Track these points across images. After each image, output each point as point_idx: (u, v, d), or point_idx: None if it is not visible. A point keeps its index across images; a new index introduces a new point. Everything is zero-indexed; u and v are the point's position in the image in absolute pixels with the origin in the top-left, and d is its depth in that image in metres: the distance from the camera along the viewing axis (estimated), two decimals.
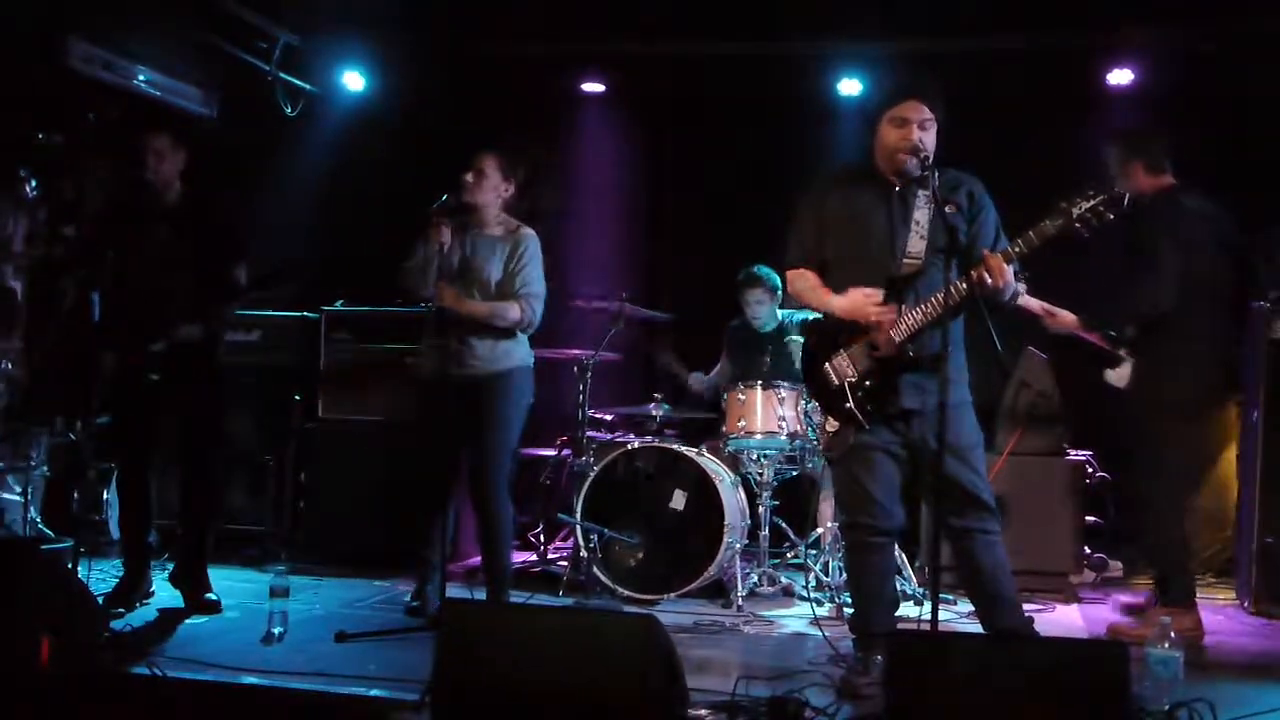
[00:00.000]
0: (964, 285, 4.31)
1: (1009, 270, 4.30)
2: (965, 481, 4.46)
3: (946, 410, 4.16)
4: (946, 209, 4.36)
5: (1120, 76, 7.40)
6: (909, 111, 4.45)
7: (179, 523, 5.66)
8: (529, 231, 5.62)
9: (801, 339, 6.69)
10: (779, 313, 6.92)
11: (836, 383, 4.56)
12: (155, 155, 5.44)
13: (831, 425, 4.63)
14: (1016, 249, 4.30)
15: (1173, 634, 4.19)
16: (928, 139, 4.46)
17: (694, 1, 7.18)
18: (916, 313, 4.40)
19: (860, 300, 4.47)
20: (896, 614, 4.96)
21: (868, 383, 4.50)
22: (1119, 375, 5.68)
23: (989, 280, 4.25)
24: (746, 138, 7.90)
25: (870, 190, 4.59)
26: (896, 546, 6.15)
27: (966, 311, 4.52)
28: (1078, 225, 4.21)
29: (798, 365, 6.66)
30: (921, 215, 4.48)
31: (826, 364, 4.60)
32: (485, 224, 5.57)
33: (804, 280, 4.69)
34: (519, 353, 5.61)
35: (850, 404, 4.51)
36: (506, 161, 5.55)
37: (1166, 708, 3.89)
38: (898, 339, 4.43)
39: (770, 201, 7.59)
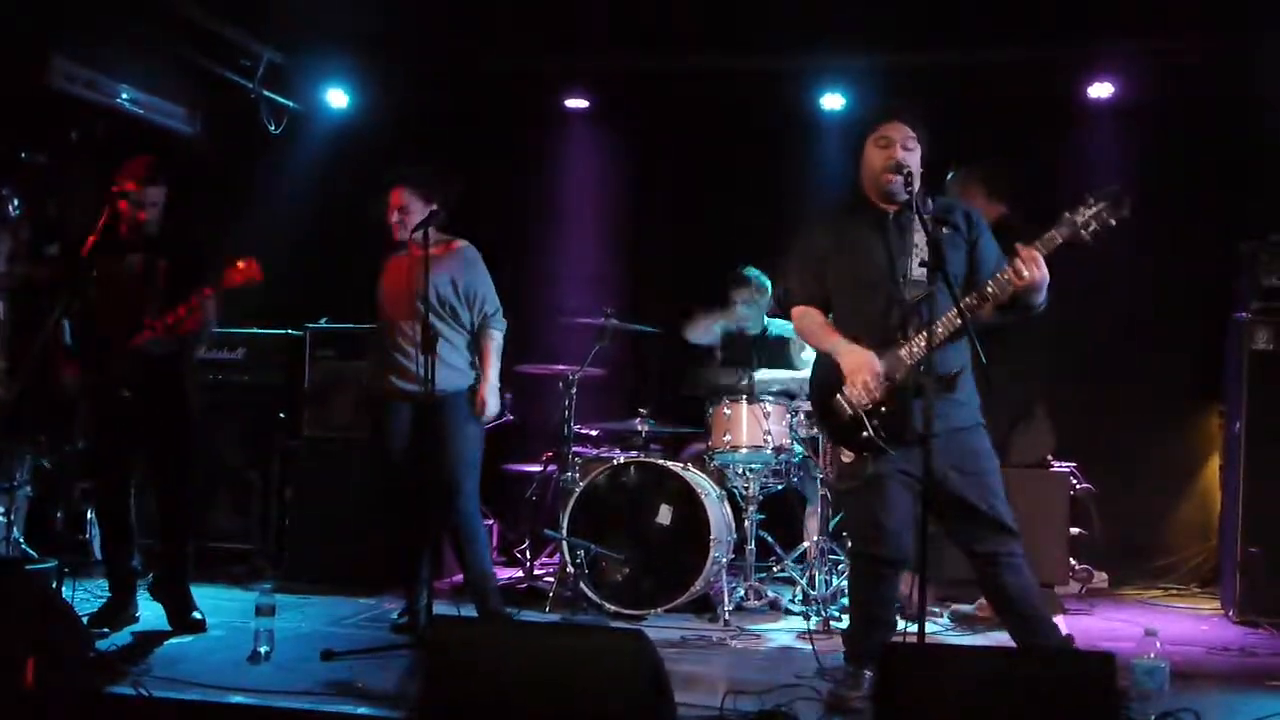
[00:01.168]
0: (973, 301, 4.31)
1: (1044, 264, 4.28)
2: (985, 506, 4.44)
3: (961, 434, 4.26)
4: (944, 230, 4.38)
5: (1101, 89, 7.44)
6: (892, 132, 4.48)
7: (159, 544, 5.65)
8: (466, 245, 5.68)
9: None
10: (765, 319, 6.94)
11: (851, 412, 4.50)
12: (152, 206, 5.48)
13: (846, 456, 4.58)
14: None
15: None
16: (911, 159, 4.47)
17: (677, 18, 7.19)
18: (928, 337, 4.31)
19: (862, 367, 4.43)
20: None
21: (883, 409, 4.44)
22: None
23: (1025, 273, 4.23)
24: (730, 153, 7.92)
25: (865, 219, 4.60)
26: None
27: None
28: (1083, 233, 4.25)
29: (782, 367, 6.73)
30: (919, 238, 4.46)
31: (838, 395, 4.53)
32: (419, 246, 5.56)
33: (810, 318, 4.71)
34: (472, 372, 5.64)
35: (868, 432, 4.46)
36: (420, 188, 5.56)
37: (1153, 718, 3.90)
38: (910, 363, 4.40)
39: (755, 215, 7.68)
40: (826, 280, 4.66)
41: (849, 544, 4.78)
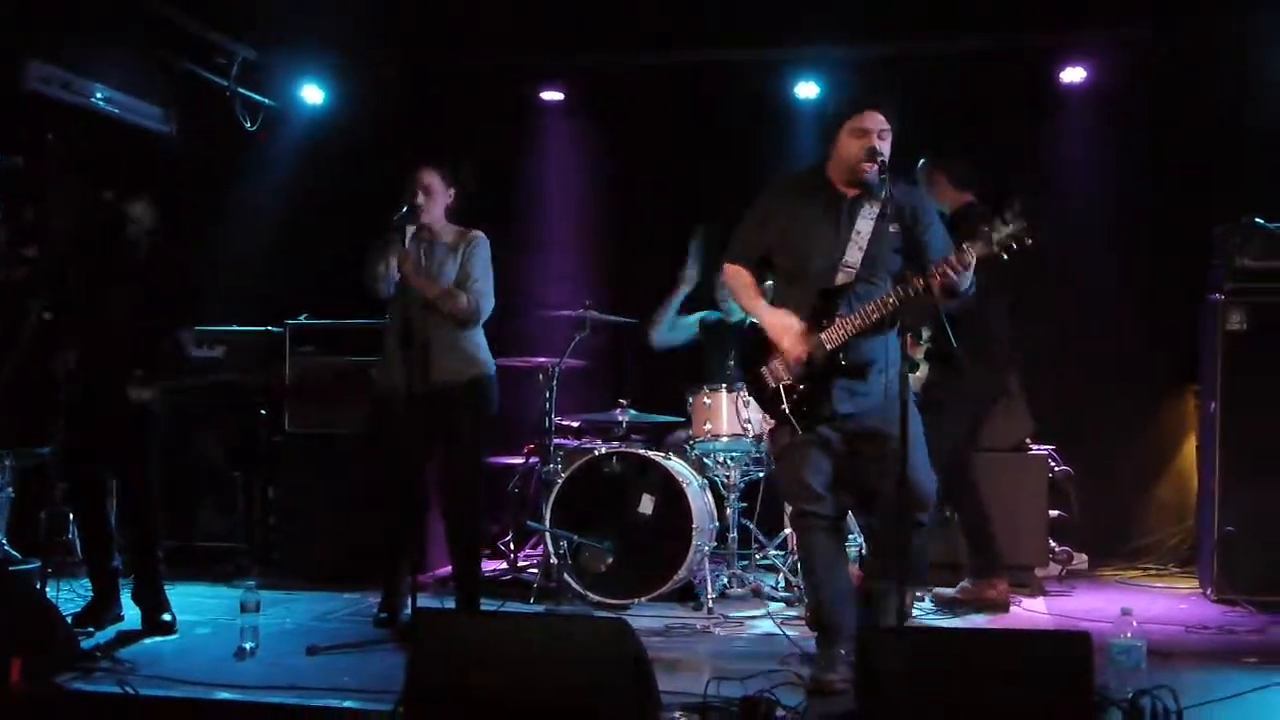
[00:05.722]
0: (896, 295, 4.41)
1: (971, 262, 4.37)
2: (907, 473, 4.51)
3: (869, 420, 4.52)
4: (891, 228, 4.46)
5: (1073, 75, 7.48)
6: (868, 122, 4.53)
7: (128, 549, 5.67)
8: (478, 233, 5.69)
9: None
10: None
11: (772, 385, 4.68)
12: (134, 223, 5.48)
13: (769, 424, 4.86)
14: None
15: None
16: (885, 148, 4.54)
17: (652, 10, 7.21)
18: (848, 322, 4.51)
19: (783, 328, 4.60)
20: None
21: (801, 387, 4.62)
22: (914, 380, 5.92)
23: (951, 274, 4.33)
24: (707, 142, 7.93)
25: (820, 201, 4.66)
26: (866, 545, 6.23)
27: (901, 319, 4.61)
28: (997, 249, 4.30)
29: None
30: (864, 226, 4.58)
31: (763, 368, 4.70)
32: (437, 233, 5.61)
33: (740, 279, 4.82)
34: (481, 360, 5.65)
35: (785, 407, 4.64)
36: (446, 172, 5.58)
37: (1130, 696, 3.94)
38: (829, 347, 4.54)
39: (732, 205, 7.67)
40: (763, 243, 4.77)
41: (790, 508, 4.98)
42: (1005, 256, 4.29)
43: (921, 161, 6.09)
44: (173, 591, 5.74)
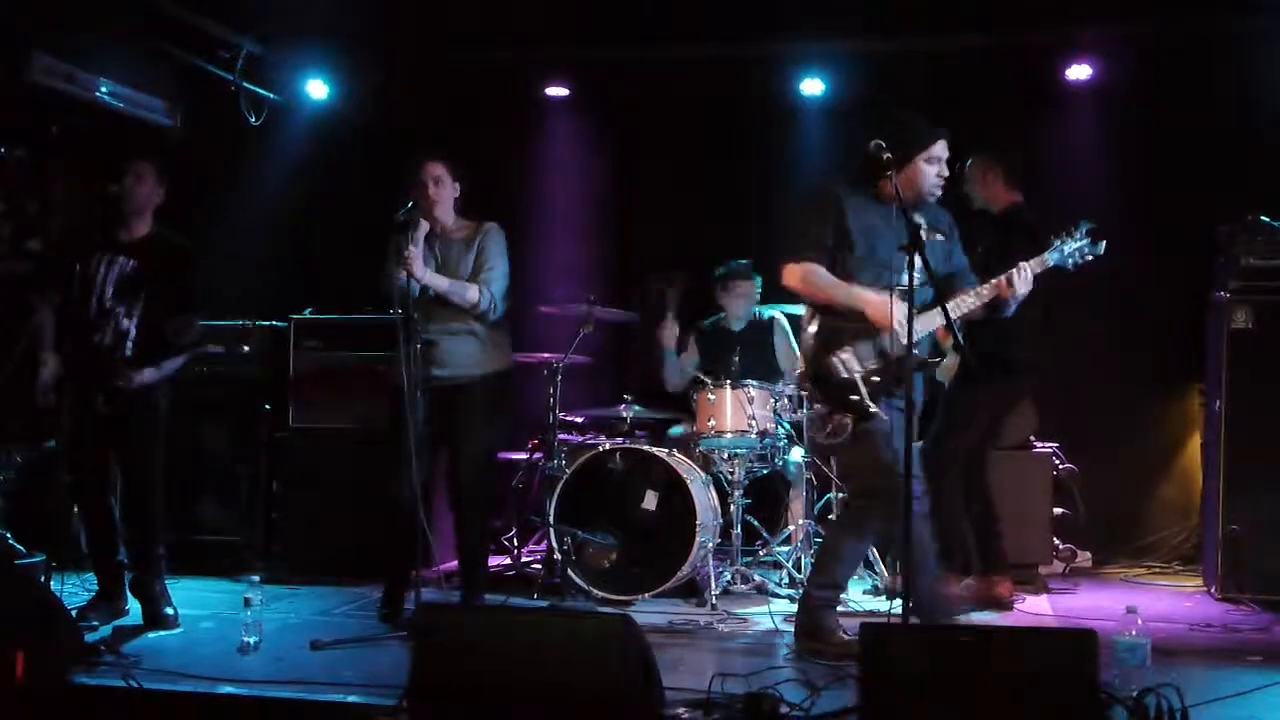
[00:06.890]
0: (983, 293, 4.91)
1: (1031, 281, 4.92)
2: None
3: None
4: (938, 237, 4.89)
5: (1079, 72, 7.45)
6: (940, 150, 5.01)
7: (131, 543, 5.66)
8: (491, 225, 5.70)
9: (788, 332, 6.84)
10: (754, 308, 6.95)
11: (845, 375, 4.92)
12: (134, 177, 5.46)
13: (841, 415, 5.03)
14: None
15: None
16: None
17: (657, 5, 7.20)
18: (920, 321, 4.75)
19: (884, 304, 4.83)
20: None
21: (875, 378, 4.91)
22: (943, 370, 5.99)
23: (1018, 286, 4.87)
24: (711, 139, 7.93)
25: (876, 208, 5.03)
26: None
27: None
28: (1069, 261, 4.91)
29: (774, 359, 6.79)
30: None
31: (832, 357, 4.94)
32: (448, 230, 5.61)
33: (822, 274, 5.01)
34: (497, 356, 5.66)
35: (859, 396, 4.89)
36: (453, 165, 5.60)
37: (1135, 694, 3.94)
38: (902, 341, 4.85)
39: (736, 200, 7.70)
40: (835, 240, 5.03)
41: (859, 491, 5.28)
42: (1073, 269, 4.88)
43: (971, 160, 6.11)
44: (176, 585, 5.75)
